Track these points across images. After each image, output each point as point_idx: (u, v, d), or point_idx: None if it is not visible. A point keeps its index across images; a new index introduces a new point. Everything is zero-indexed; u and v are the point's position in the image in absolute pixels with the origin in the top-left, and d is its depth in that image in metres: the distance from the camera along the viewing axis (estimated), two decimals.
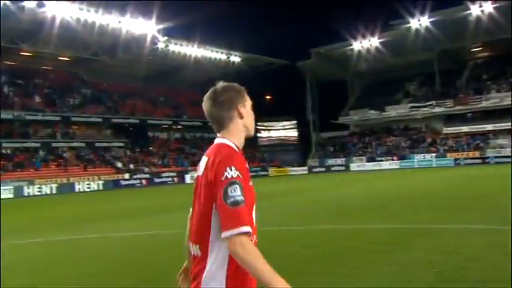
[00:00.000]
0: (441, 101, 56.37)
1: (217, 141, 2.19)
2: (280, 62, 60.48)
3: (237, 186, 1.93)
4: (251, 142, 64.86)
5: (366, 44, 56.27)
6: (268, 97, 76.32)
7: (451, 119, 56.95)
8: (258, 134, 65.61)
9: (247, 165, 2.08)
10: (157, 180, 45.01)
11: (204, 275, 2.00)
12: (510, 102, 51.96)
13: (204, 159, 2.14)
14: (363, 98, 63.62)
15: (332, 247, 8.45)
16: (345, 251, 8.07)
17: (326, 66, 61.67)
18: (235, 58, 57.63)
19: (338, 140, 63.35)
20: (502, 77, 56.13)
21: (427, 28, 52.33)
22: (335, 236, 9.71)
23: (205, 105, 2.24)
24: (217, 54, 56.10)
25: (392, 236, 9.19)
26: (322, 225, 11.36)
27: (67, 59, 50.56)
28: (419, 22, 52.14)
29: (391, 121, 60.20)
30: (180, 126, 58.38)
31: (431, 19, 51.48)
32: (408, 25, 52.98)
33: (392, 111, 58.99)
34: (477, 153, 50.52)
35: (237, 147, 2.15)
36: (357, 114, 61.52)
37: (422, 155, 52.84)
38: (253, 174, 52.47)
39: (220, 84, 2.27)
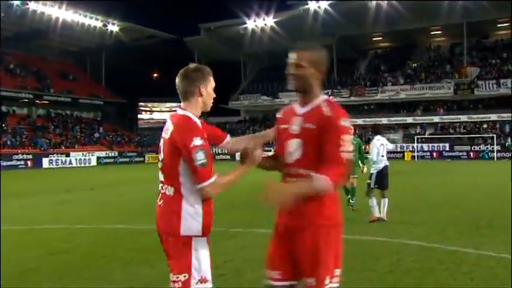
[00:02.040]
0: (337, 91, 57.55)
1: (180, 112, 3.07)
2: (165, 35, 58.19)
3: (201, 152, 2.88)
4: (128, 124, 62.29)
5: (260, 23, 55.77)
6: (155, 75, 73.99)
7: (346, 109, 57.71)
8: (139, 116, 63.24)
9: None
10: (4, 163, 41.03)
11: (182, 211, 2.96)
12: (405, 96, 54.42)
13: (171, 126, 3.02)
14: (256, 83, 63.45)
15: (84, 252, 7.50)
16: (85, 258, 6.88)
17: (217, 44, 60.45)
18: (113, 27, 54.38)
19: (228, 126, 62.61)
20: (399, 69, 58.52)
21: (326, 11, 52.84)
22: (103, 238, 8.47)
23: (177, 78, 3.11)
24: (91, 21, 52.47)
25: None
26: (114, 224, 10.13)
27: None
28: (318, 4, 52.52)
29: None
30: (46, 102, 54.21)
31: (330, 1, 52.01)
32: (306, 6, 53.21)
33: (286, 99, 59.21)
34: (368, 147, 51.98)
35: (195, 117, 3.05)
36: (248, 99, 61.16)
37: None
38: (127, 160, 50.40)
39: (193, 64, 3.18)
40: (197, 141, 2.87)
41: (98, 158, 48.78)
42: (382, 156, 10.04)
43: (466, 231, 8.58)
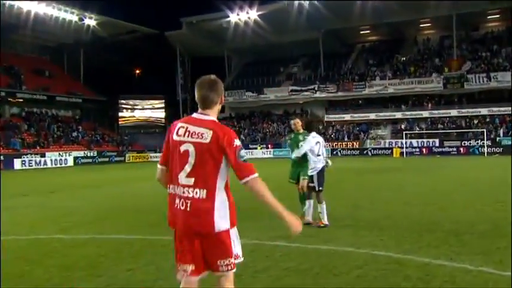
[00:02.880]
0: (324, 86, 56.76)
1: (206, 117, 3.38)
2: (145, 30, 56.94)
3: (243, 150, 3.32)
4: (109, 123, 61.08)
5: (243, 16, 54.72)
6: (137, 71, 72.82)
7: (333, 105, 57.66)
8: (120, 114, 62.01)
9: None
10: None
11: (214, 212, 3.27)
12: (393, 91, 53.74)
13: (205, 130, 3.30)
14: (241, 78, 62.51)
15: None
16: None
17: (199, 39, 59.37)
18: (90, 21, 52.96)
19: None
20: (387, 63, 57.82)
21: (311, 4, 51.88)
22: (31, 252, 7.64)
23: (202, 88, 3.41)
24: (66, 14, 51.01)
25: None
26: (54, 234, 9.21)
27: None
28: None
29: (270, 105, 59.70)
30: (21, 99, 52.75)
31: None
32: None
33: (271, 94, 58.41)
34: (356, 144, 51.49)
35: None
36: (232, 95, 60.17)
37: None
38: (106, 160, 49.34)
39: (213, 76, 3.49)
40: (238, 142, 3.30)
41: (75, 158, 47.57)
42: (319, 155, 9.05)
43: (444, 238, 7.72)
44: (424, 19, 56.80)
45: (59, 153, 47.33)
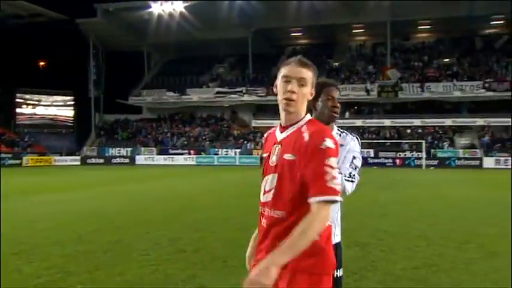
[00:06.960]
0: (252, 89, 52.86)
1: None
2: (52, 14, 49.93)
3: None
4: (4, 120, 53.22)
5: (168, 7, 49.49)
6: (41, 63, 65.36)
7: (261, 110, 53.96)
8: (18, 110, 54.46)
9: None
10: None
11: None
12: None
13: None
14: (161, 76, 57.32)
15: None
16: None
17: (117, 30, 53.23)
18: None
19: (127, 125, 55.73)
20: (320, 67, 54.71)
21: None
22: None
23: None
24: None
25: None
26: None
27: None
28: None
29: (194, 107, 54.89)
30: None
31: None
32: None
33: (195, 96, 53.60)
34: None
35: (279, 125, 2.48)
36: (151, 95, 54.58)
37: (225, 150, 48.44)
38: None
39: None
40: None
41: None
42: None
43: None
44: (357, 24, 54.60)
45: None
